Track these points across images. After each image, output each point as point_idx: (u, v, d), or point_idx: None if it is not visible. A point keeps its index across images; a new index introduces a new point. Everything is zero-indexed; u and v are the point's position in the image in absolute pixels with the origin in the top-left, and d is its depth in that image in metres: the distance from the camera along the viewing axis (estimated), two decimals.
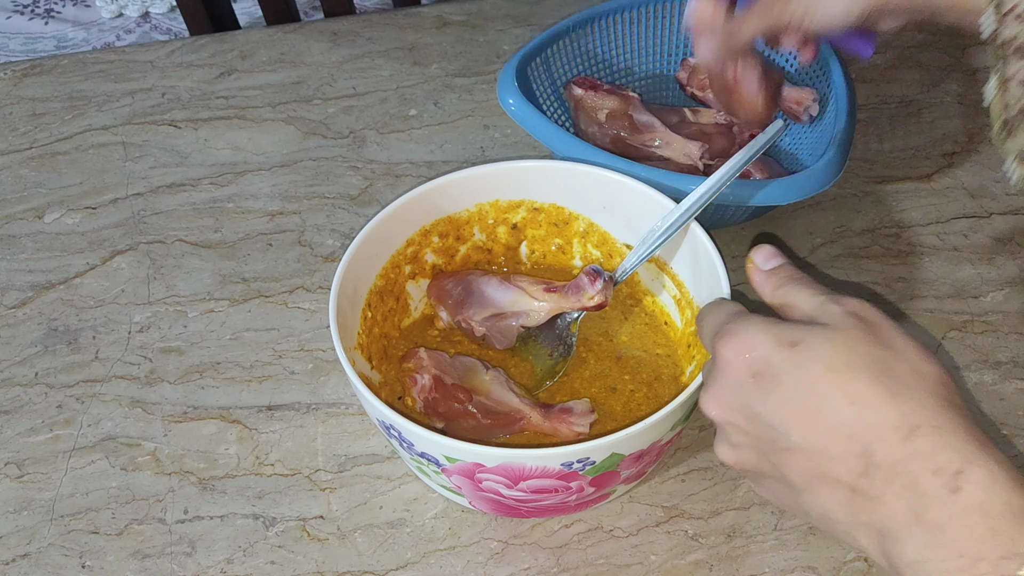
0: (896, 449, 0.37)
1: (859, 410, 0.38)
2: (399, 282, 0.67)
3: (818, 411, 0.39)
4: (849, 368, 0.39)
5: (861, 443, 0.38)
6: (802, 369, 0.40)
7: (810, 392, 0.39)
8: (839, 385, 0.39)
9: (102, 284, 0.77)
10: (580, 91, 0.79)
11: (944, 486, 0.36)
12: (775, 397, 0.40)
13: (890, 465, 0.37)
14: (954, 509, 0.36)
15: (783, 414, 0.40)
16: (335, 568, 0.61)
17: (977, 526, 0.35)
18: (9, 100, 0.91)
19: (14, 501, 0.65)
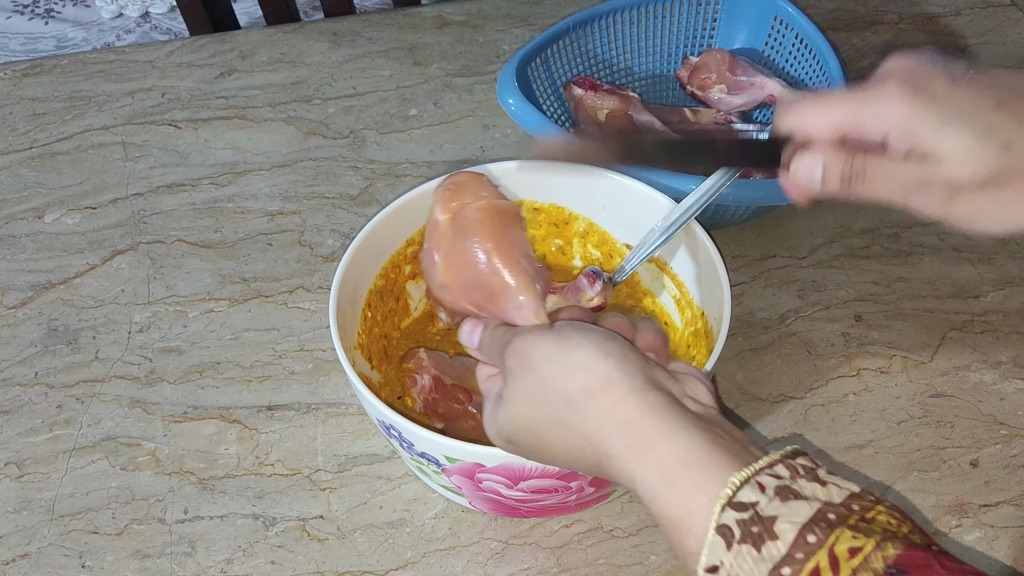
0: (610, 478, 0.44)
1: (576, 463, 0.46)
2: (399, 282, 0.67)
3: (564, 465, 0.47)
4: (544, 439, 0.46)
5: (593, 474, 0.45)
6: (529, 451, 0.47)
7: (546, 459, 0.47)
8: (553, 452, 0.46)
9: (102, 284, 0.77)
10: (580, 91, 0.79)
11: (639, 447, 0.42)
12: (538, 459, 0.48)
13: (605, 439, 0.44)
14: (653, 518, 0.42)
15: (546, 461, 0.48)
16: (335, 568, 0.61)
17: (664, 531, 0.41)
18: (9, 100, 0.91)
19: (14, 501, 0.65)
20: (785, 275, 0.76)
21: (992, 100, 0.44)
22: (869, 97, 0.45)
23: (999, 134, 0.43)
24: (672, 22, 0.85)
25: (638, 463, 0.41)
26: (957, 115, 0.43)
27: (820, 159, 0.47)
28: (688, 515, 0.39)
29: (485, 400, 0.50)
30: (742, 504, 0.38)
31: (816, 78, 0.80)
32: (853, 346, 0.71)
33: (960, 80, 0.44)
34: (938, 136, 0.43)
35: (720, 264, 0.59)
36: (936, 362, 0.70)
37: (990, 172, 0.43)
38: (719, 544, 0.37)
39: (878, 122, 0.44)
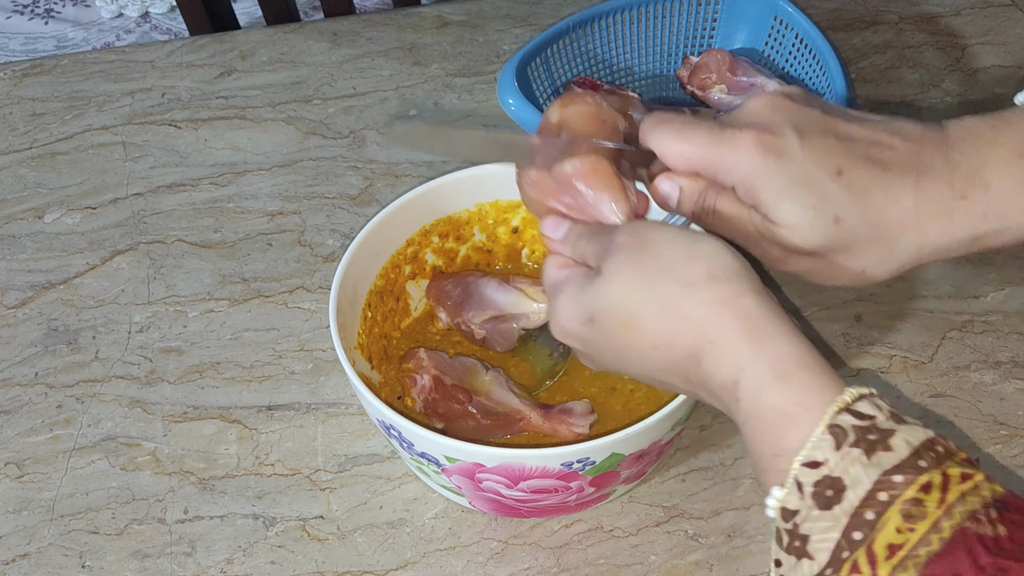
0: (692, 375, 0.43)
1: (659, 353, 0.44)
2: (399, 282, 0.67)
3: (635, 364, 0.46)
4: (636, 321, 0.44)
5: (669, 375, 0.45)
6: (604, 338, 0.46)
7: (620, 353, 0.46)
8: (638, 338, 0.44)
9: (102, 284, 0.77)
10: (580, 91, 0.79)
11: (731, 397, 0.42)
12: (598, 356, 0.47)
13: (696, 385, 0.44)
14: (741, 416, 0.42)
15: (615, 364, 0.47)
16: (335, 568, 0.61)
17: (755, 430, 0.41)
18: (9, 100, 0.91)
19: (14, 501, 0.65)
20: (785, 275, 0.76)
21: (834, 166, 0.45)
22: (724, 145, 0.46)
23: (832, 207, 0.45)
24: (672, 22, 0.85)
25: (754, 352, 0.41)
26: (796, 182, 0.45)
27: (677, 186, 0.49)
28: (799, 411, 0.39)
29: (558, 288, 0.48)
30: (860, 413, 0.38)
31: (816, 78, 0.80)
32: (853, 346, 0.71)
33: (811, 136, 0.46)
34: (776, 203, 0.45)
35: None
36: (936, 362, 0.70)
37: (818, 244, 0.46)
38: (827, 442, 0.38)
39: (730, 171, 0.47)
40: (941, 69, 0.92)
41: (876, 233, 0.45)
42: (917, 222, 0.45)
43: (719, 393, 0.43)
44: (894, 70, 0.92)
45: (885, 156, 0.46)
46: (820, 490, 0.37)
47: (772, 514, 0.39)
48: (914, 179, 0.45)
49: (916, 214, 0.45)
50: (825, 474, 0.37)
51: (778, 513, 0.39)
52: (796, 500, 0.38)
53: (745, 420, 0.41)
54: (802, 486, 0.38)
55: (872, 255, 0.46)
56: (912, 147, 0.46)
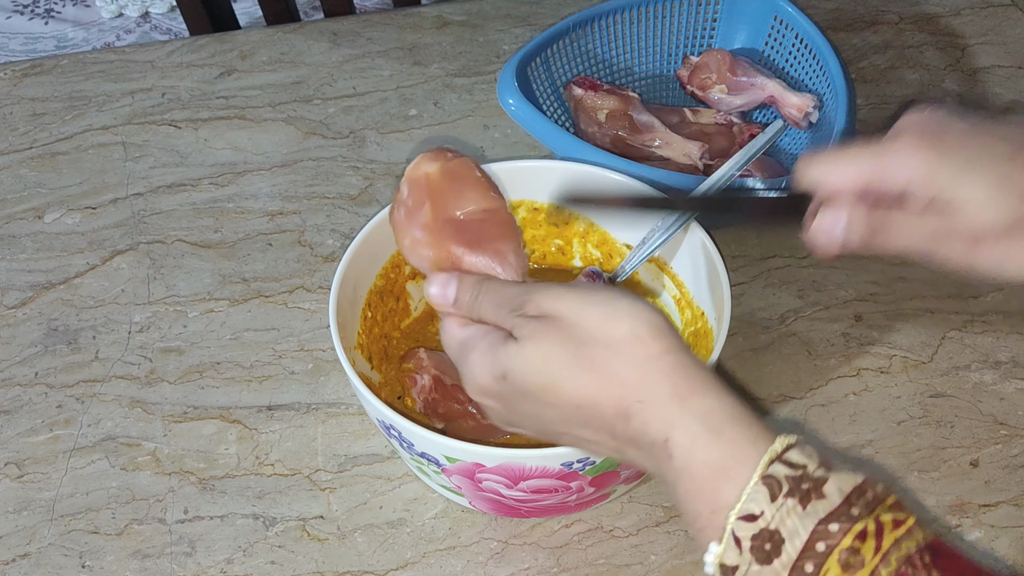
0: (620, 432, 0.43)
1: (583, 412, 0.43)
2: (399, 282, 0.67)
3: (551, 421, 0.45)
4: (556, 383, 0.44)
5: (594, 432, 0.44)
6: (522, 396, 0.45)
7: (537, 410, 0.45)
8: (558, 396, 0.44)
9: (102, 284, 0.77)
10: (580, 91, 0.79)
11: (662, 454, 0.41)
12: (517, 414, 0.46)
13: (624, 442, 0.43)
14: (673, 473, 0.41)
15: (529, 421, 0.46)
16: (335, 568, 0.61)
17: (690, 487, 0.41)
18: (9, 100, 0.91)
19: (14, 501, 0.64)
20: (785, 275, 0.76)
21: (1006, 151, 0.45)
22: (888, 150, 0.46)
23: (1015, 184, 0.44)
24: (672, 22, 0.85)
25: (682, 409, 0.41)
26: (973, 165, 0.44)
27: (843, 214, 0.47)
28: (732, 463, 0.40)
29: (466, 346, 0.47)
30: (791, 463, 0.39)
31: (816, 78, 0.80)
32: (853, 346, 0.71)
33: (973, 132, 0.46)
34: (957, 184, 0.44)
35: (720, 264, 0.59)
36: (936, 362, 0.70)
37: (1010, 219, 0.44)
38: (763, 493, 0.38)
39: (899, 173, 0.46)
40: (941, 69, 0.92)
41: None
42: None
43: (649, 450, 0.42)
44: (894, 70, 0.92)
45: None
46: (759, 543, 0.38)
47: (711, 571, 0.39)
48: None
49: None
50: (762, 527, 0.38)
51: (717, 570, 0.39)
52: (735, 555, 0.38)
53: (678, 477, 0.41)
54: (740, 541, 0.38)
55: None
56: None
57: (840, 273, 0.76)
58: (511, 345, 0.45)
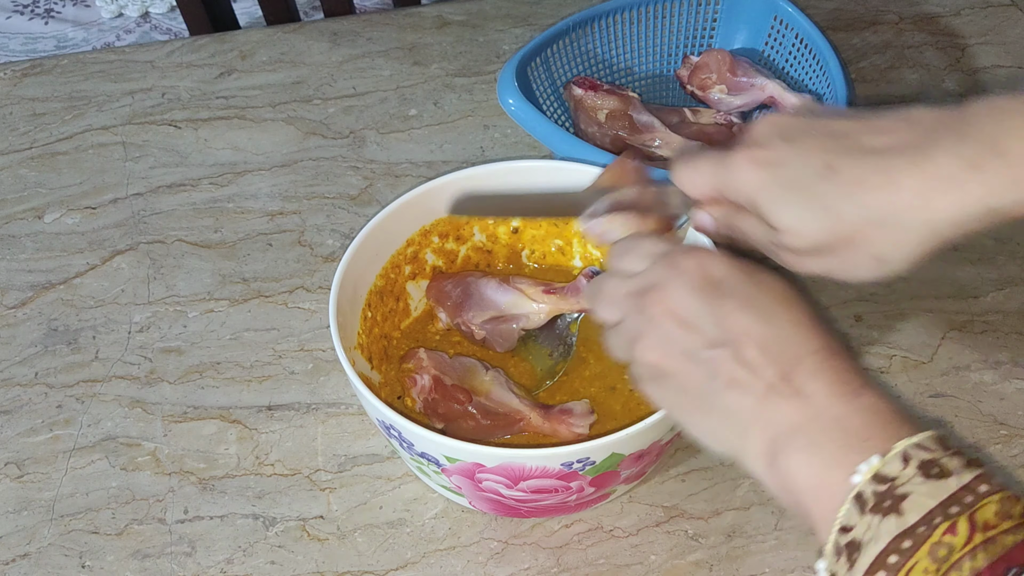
0: (818, 363, 0.43)
1: (798, 331, 0.45)
2: (399, 282, 0.67)
3: (764, 325, 0.44)
4: (795, 299, 0.46)
5: (792, 355, 0.44)
6: (757, 289, 0.46)
7: (761, 308, 0.45)
8: (787, 309, 0.45)
9: (102, 284, 0.77)
10: (580, 91, 0.79)
11: (848, 392, 0.42)
12: (730, 304, 0.45)
13: (809, 374, 0.43)
14: (853, 407, 0.42)
15: (734, 320, 0.45)
16: (335, 568, 0.61)
17: (871, 420, 0.42)
18: (9, 100, 0.91)
19: (14, 501, 0.65)
20: (785, 275, 0.76)
21: (822, 163, 0.46)
22: (724, 169, 0.50)
23: (824, 203, 0.46)
24: (672, 22, 0.85)
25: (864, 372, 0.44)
26: (787, 187, 0.47)
27: (707, 215, 0.53)
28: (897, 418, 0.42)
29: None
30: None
31: (816, 78, 0.80)
32: (853, 346, 0.71)
33: (800, 146, 0.47)
34: (772, 211, 0.48)
35: None
36: (936, 362, 0.70)
37: (820, 241, 0.47)
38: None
39: (735, 193, 0.50)
40: (941, 69, 0.92)
41: (880, 218, 0.45)
42: (924, 200, 0.44)
43: (831, 384, 0.43)
44: (894, 70, 0.92)
45: (881, 142, 0.46)
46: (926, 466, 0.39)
47: (858, 479, 0.40)
48: (917, 158, 0.45)
49: (921, 192, 0.44)
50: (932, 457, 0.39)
51: (869, 482, 0.39)
52: (898, 467, 0.39)
53: (856, 411, 0.42)
54: (908, 459, 0.39)
55: (884, 242, 0.46)
56: (920, 128, 0.46)
57: None
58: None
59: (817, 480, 0.41)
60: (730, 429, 0.45)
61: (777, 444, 0.43)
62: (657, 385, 0.47)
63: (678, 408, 0.47)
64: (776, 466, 0.43)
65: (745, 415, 0.44)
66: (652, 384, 0.48)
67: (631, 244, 0.51)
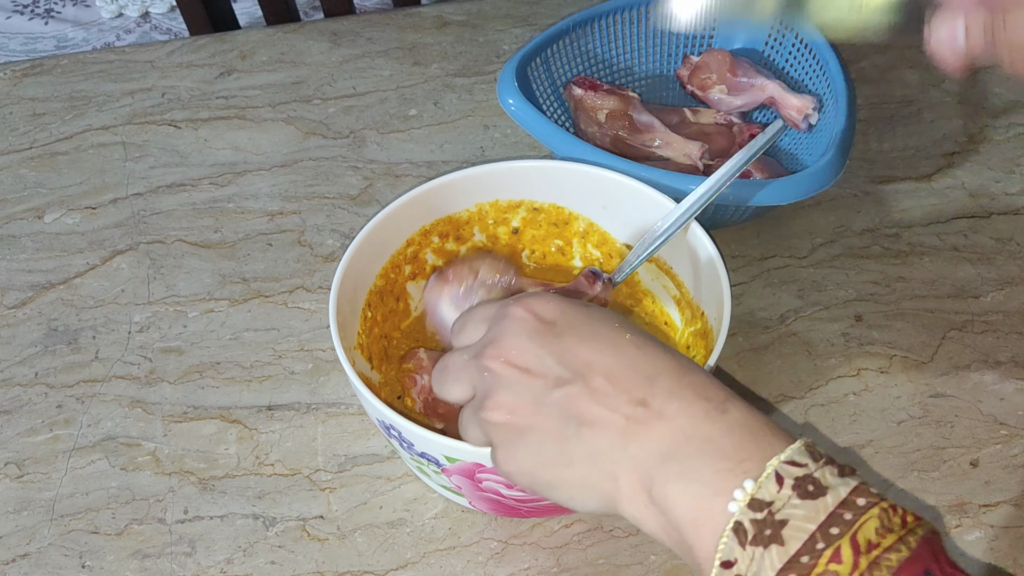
0: (674, 381, 0.42)
1: (644, 354, 0.44)
2: (399, 282, 0.67)
3: (609, 352, 0.43)
4: (633, 328, 0.45)
5: (644, 377, 0.42)
6: (594, 320, 0.45)
7: (603, 337, 0.44)
8: (627, 335, 0.44)
9: (102, 284, 0.77)
10: (580, 91, 0.79)
11: (713, 409, 0.41)
12: (569, 339, 0.44)
13: (667, 394, 0.42)
14: (722, 425, 0.40)
15: (576, 354, 0.44)
16: (335, 568, 0.61)
17: (742, 438, 0.40)
18: (9, 100, 0.91)
19: (14, 501, 0.65)
20: (785, 275, 0.76)
21: None
22: None
23: None
24: None
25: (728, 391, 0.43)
26: None
27: (958, 20, 0.43)
28: (775, 433, 0.41)
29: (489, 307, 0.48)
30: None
31: (816, 79, 0.80)
32: (853, 346, 0.71)
33: None
34: None
35: (720, 264, 0.59)
36: (936, 362, 0.70)
37: None
38: (807, 455, 0.39)
39: None
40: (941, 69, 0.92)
41: None
42: None
43: (692, 403, 0.41)
44: (894, 70, 0.92)
45: None
46: (802, 483, 0.38)
47: (735, 509, 0.38)
48: None
49: None
50: (807, 473, 0.38)
51: (744, 508, 0.38)
52: (773, 492, 0.38)
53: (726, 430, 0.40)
54: (783, 480, 0.38)
55: None
56: None
57: (840, 273, 0.76)
58: None
59: (695, 511, 0.39)
60: (598, 475, 0.42)
61: (650, 477, 0.40)
62: (513, 448, 0.44)
63: (540, 469, 0.44)
64: (653, 502, 0.40)
65: (609, 454, 0.41)
66: (507, 450, 0.45)
67: (465, 316, 0.50)
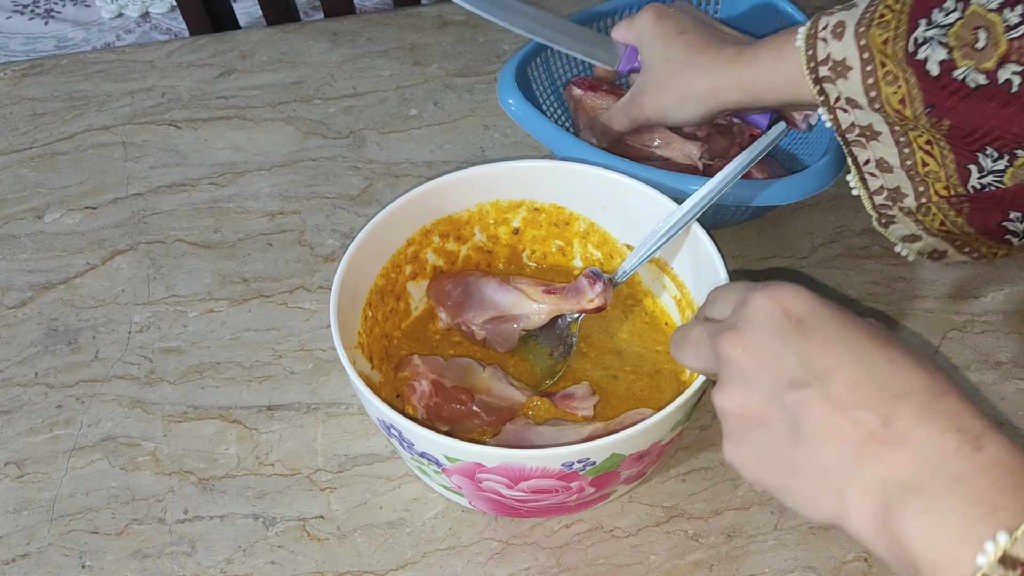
0: (924, 405, 0.38)
1: (895, 368, 0.39)
2: (400, 282, 0.67)
3: (856, 362, 0.40)
4: (889, 336, 0.41)
5: (891, 394, 0.38)
6: (845, 325, 0.41)
7: (852, 344, 0.40)
8: (880, 345, 0.40)
9: (102, 284, 0.77)
10: (580, 91, 0.79)
11: (967, 443, 0.36)
12: (815, 340, 0.41)
13: (914, 417, 0.38)
14: (975, 463, 0.36)
15: (819, 356, 0.40)
16: (335, 568, 0.61)
17: (998, 480, 0.35)
18: (9, 100, 0.91)
19: (14, 501, 0.64)
20: (785, 275, 0.76)
21: (678, 29, 0.68)
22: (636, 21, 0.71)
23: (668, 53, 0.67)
24: None
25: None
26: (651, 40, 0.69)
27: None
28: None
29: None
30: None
31: None
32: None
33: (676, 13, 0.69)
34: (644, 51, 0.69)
35: (720, 264, 0.59)
36: (936, 362, 0.70)
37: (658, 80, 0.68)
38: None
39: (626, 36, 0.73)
40: None
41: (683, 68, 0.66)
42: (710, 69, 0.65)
43: (943, 432, 0.37)
44: None
45: (721, 35, 0.68)
46: None
47: (983, 561, 0.34)
48: (717, 49, 0.65)
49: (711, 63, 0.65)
50: None
51: (995, 565, 0.34)
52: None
53: (980, 469, 0.36)
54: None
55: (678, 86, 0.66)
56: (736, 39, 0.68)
57: (840, 273, 0.76)
58: None
59: (937, 555, 0.35)
60: (825, 489, 0.39)
61: (886, 505, 0.37)
62: (740, 442, 0.42)
63: (764, 471, 0.41)
64: (888, 531, 0.37)
65: (841, 470, 0.38)
66: (734, 443, 0.43)
67: (718, 292, 0.48)
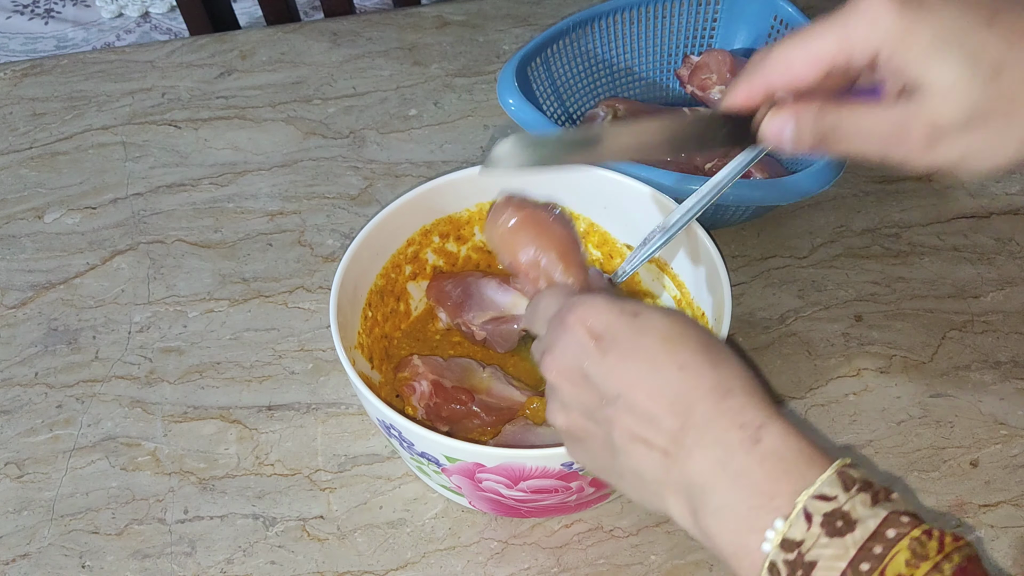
0: (711, 408, 0.41)
1: (685, 375, 0.42)
2: (400, 282, 0.67)
3: (649, 374, 0.42)
4: (681, 338, 0.43)
5: (684, 404, 0.41)
6: (640, 336, 0.43)
7: (645, 356, 0.42)
8: (671, 352, 0.42)
9: (102, 284, 0.77)
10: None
11: (747, 438, 0.40)
12: (613, 356, 0.43)
13: (705, 421, 0.41)
14: (755, 456, 0.39)
15: (618, 373, 0.42)
16: (335, 568, 0.61)
17: (773, 469, 0.39)
18: (9, 100, 0.91)
19: (14, 501, 0.64)
20: (785, 275, 0.76)
21: (986, 13, 0.40)
22: (852, 17, 0.42)
23: (990, 56, 0.40)
24: (672, 22, 0.85)
25: (773, 407, 0.42)
26: (946, 37, 0.40)
27: (790, 118, 0.45)
28: (811, 458, 0.40)
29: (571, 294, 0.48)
30: (858, 476, 0.38)
31: None
32: (853, 346, 0.71)
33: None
34: (925, 63, 0.40)
35: (720, 264, 0.59)
36: (936, 362, 0.70)
37: (975, 107, 0.40)
38: (837, 483, 0.38)
39: (864, 42, 0.42)
40: None
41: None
42: None
43: (727, 432, 0.40)
44: None
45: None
46: (830, 520, 0.37)
47: (769, 548, 0.38)
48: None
49: None
50: (835, 507, 0.37)
51: (777, 548, 0.38)
52: (802, 530, 0.37)
53: (758, 461, 0.39)
54: (811, 517, 0.37)
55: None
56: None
57: (840, 273, 0.76)
58: (652, 306, 0.45)
59: (734, 546, 0.39)
60: (647, 492, 0.43)
61: (693, 505, 0.41)
62: (574, 450, 0.47)
63: (599, 473, 0.46)
64: (699, 527, 0.41)
65: (653, 476, 0.42)
66: (572, 452, 0.47)
67: (536, 303, 0.50)
